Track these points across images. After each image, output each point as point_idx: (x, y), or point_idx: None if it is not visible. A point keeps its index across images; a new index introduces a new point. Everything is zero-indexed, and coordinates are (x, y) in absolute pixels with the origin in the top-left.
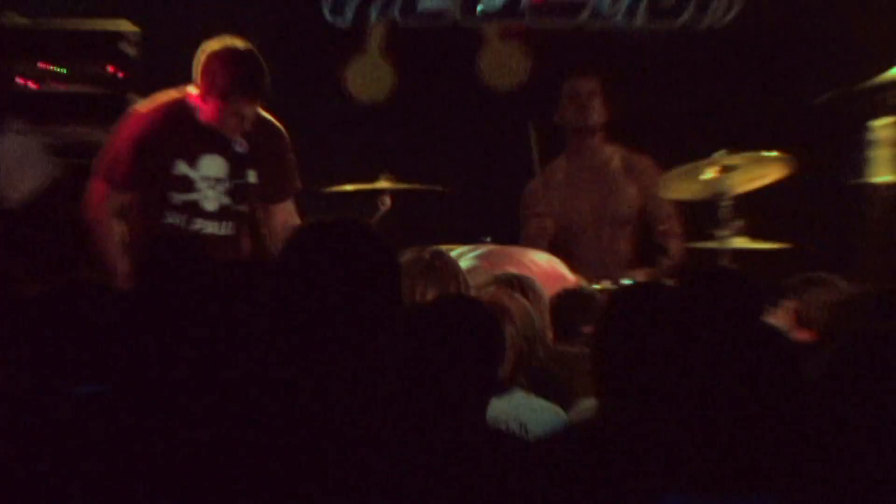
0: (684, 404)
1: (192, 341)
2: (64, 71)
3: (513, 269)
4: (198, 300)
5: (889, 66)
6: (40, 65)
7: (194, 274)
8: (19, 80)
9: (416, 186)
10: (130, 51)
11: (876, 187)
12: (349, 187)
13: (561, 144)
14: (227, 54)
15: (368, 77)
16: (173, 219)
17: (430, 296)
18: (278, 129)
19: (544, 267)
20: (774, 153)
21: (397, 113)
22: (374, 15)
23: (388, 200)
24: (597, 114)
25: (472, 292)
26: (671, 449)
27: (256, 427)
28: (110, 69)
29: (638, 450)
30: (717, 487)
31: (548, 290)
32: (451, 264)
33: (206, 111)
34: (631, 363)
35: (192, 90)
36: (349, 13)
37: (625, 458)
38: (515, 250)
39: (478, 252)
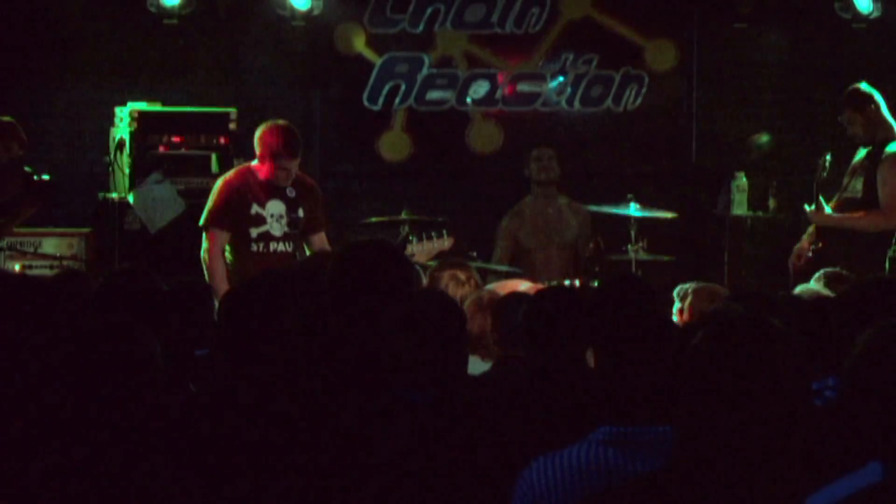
0: (607, 363)
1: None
2: (187, 140)
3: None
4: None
5: (744, 136)
6: (174, 138)
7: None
8: (160, 148)
9: (426, 218)
10: (233, 126)
11: (736, 218)
12: (381, 219)
13: (527, 190)
14: (272, 129)
15: (394, 145)
16: (255, 247)
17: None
18: (313, 183)
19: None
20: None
21: (414, 169)
22: (397, 102)
23: (407, 228)
24: (553, 172)
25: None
26: (602, 394)
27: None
28: (221, 139)
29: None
30: (632, 421)
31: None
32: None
33: (263, 171)
34: (565, 335)
35: (255, 162)
36: (380, 101)
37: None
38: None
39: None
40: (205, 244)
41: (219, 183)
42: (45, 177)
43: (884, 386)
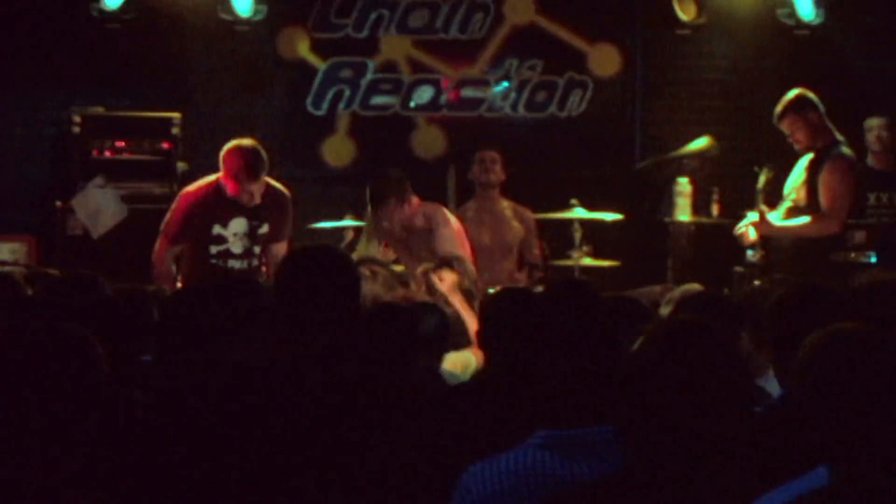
0: (550, 366)
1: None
2: (130, 145)
3: None
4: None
5: (684, 144)
6: (117, 143)
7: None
8: (104, 153)
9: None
10: (176, 131)
11: (679, 224)
12: (324, 224)
13: (471, 193)
14: (235, 150)
15: (338, 150)
16: (214, 261)
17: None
18: (283, 193)
19: None
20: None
21: (357, 174)
22: (341, 107)
23: (351, 233)
24: (495, 175)
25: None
26: (540, 397)
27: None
28: (164, 144)
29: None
30: (568, 424)
31: None
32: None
33: (229, 188)
34: (510, 338)
35: (221, 176)
36: (324, 106)
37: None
38: None
39: None
40: (157, 246)
41: (181, 196)
42: None
43: (829, 391)
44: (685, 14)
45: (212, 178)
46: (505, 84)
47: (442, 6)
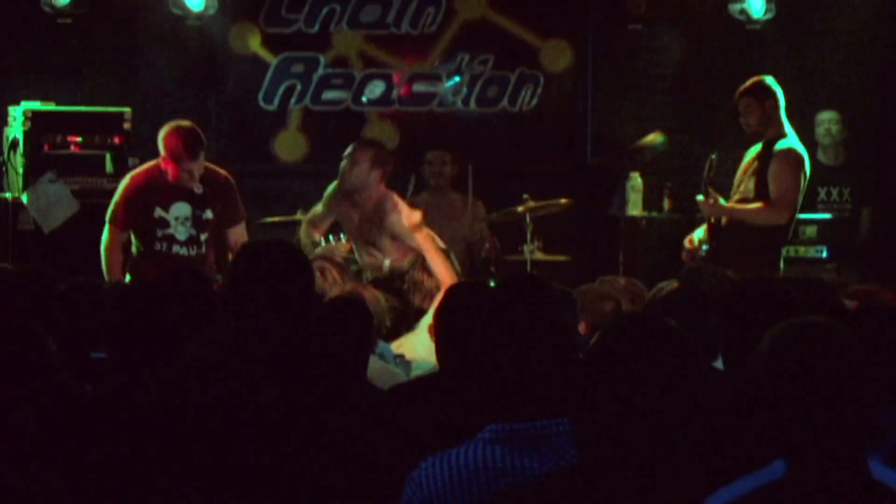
0: (501, 359)
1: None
2: (81, 140)
3: None
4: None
5: (636, 139)
6: (68, 137)
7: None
8: (54, 148)
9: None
10: (128, 126)
11: (631, 219)
12: (276, 219)
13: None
14: (173, 131)
15: (290, 145)
16: (158, 247)
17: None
18: (224, 176)
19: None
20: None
21: (309, 169)
22: (293, 102)
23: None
24: (444, 177)
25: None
26: (491, 391)
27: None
28: (115, 139)
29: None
30: (524, 416)
31: None
32: None
33: (169, 172)
34: (464, 332)
35: (161, 163)
36: (276, 101)
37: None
38: None
39: None
40: (104, 236)
41: (125, 180)
42: None
43: (787, 384)
44: (634, 7)
45: (153, 162)
46: (456, 79)
47: (393, 1)
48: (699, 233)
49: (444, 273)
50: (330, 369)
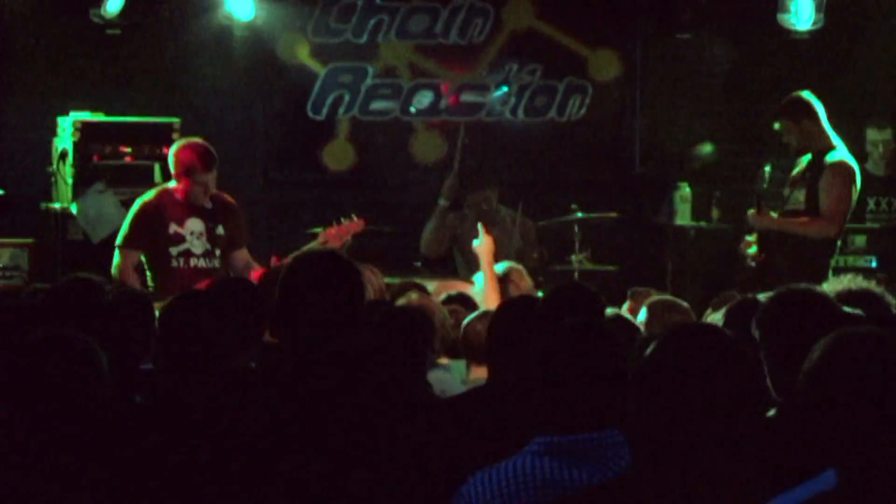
0: (550, 372)
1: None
2: (130, 150)
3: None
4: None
5: (685, 147)
6: (117, 148)
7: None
8: (103, 158)
9: (371, 227)
10: (176, 136)
11: (679, 228)
12: (319, 229)
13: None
14: (186, 145)
15: (337, 155)
16: (176, 264)
17: None
18: (231, 201)
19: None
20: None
21: (357, 179)
22: (341, 112)
23: (350, 237)
24: (487, 214)
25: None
26: (539, 403)
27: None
28: (164, 149)
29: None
30: (566, 430)
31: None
32: None
33: (180, 190)
34: (515, 345)
35: (172, 183)
36: (324, 111)
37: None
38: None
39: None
40: (115, 261)
41: (137, 204)
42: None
43: (839, 394)
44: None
45: (160, 187)
46: (504, 88)
47: (441, 11)
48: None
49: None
50: (380, 381)
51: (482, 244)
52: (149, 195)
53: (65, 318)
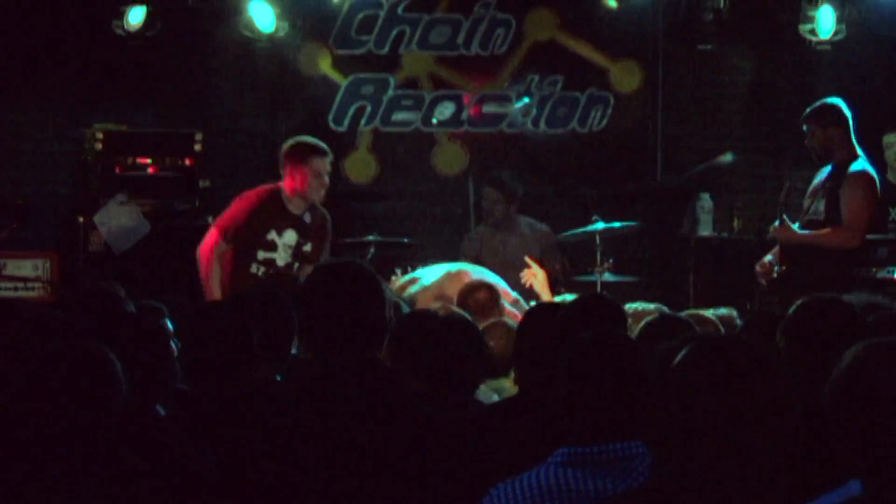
0: (573, 382)
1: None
2: (152, 161)
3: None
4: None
5: (707, 158)
6: (139, 159)
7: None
8: (126, 170)
9: (392, 239)
10: (199, 148)
11: (701, 239)
12: (347, 240)
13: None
14: (298, 141)
15: (359, 166)
16: (255, 269)
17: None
18: (326, 219)
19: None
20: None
21: (379, 190)
22: (362, 123)
23: (373, 248)
24: (497, 214)
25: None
26: (563, 414)
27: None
28: (186, 161)
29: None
30: (590, 440)
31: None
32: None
33: (293, 186)
34: (546, 348)
35: (281, 184)
36: (346, 122)
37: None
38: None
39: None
40: (206, 239)
41: (246, 194)
42: (18, 201)
43: (867, 404)
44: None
45: (271, 185)
46: (526, 100)
47: (463, 22)
48: (770, 256)
49: None
50: (403, 393)
51: (533, 277)
52: (261, 189)
53: (83, 328)
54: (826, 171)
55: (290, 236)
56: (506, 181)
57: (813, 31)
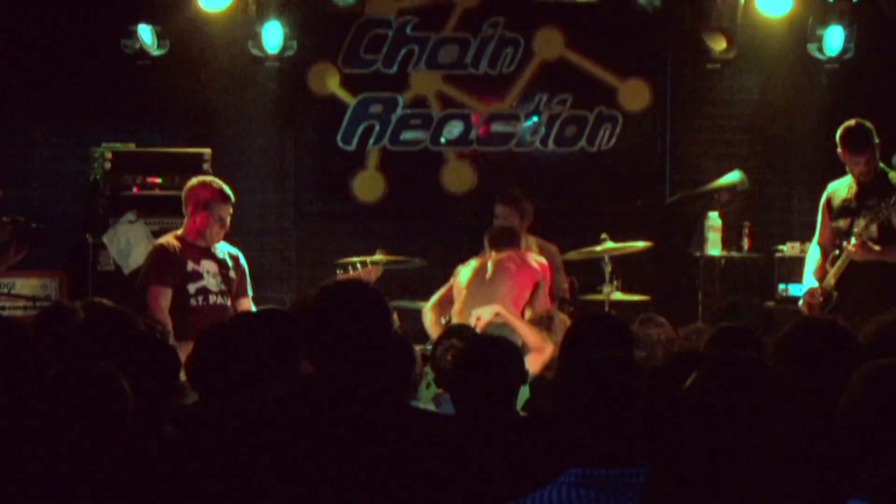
0: (583, 398)
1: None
2: (161, 180)
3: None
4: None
5: (714, 178)
6: (148, 178)
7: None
8: (134, 189)
9: (399, 258)
10: (207, 167)
11: (709, 258)
12: (354, 259)
13: None
14: (202, 182)
15: (368, 185)
16: (194, 301)
17: None
18: (238, 253)
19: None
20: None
21: (388, 209)
22: (371, 142)
23: (381, 268)
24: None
25: None
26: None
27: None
28: None
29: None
30: (602, 462)
31: None
32: None
33: (194, 229)
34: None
35: (181, 230)
36: (354, 141)
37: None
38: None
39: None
40: (150, 300)
41: (152, 247)
42: (33, 225)
43: (876, 425)
44: (716, 46)
45: (171, 232)
46: (535, 118)
47: (472, 42)
48: (810, 285)
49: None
50: (407, 411)
51: (478, 320)
52: (163, 238)
53: (94, 348)
54: (847, 187)
55: (209, 265)
56: (519, 198)
57: (821, 50)
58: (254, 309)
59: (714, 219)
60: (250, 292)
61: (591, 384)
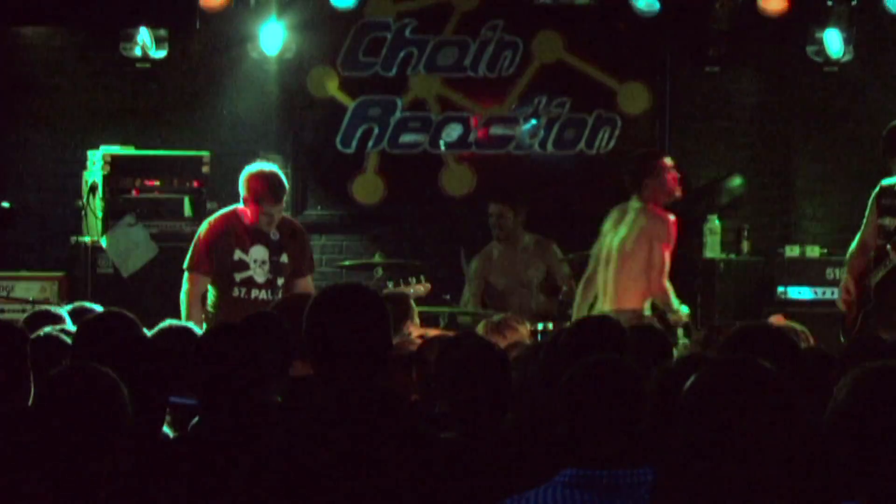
0: (575, 404)
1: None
2: (160, 184)
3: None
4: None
5: (717, 180)
6: (147, 181)
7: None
8: (133, 192)
9: (400, 261)
10: (206, 170)
11: (708, 261)
12: (354, 262)
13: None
14: (257, 174)
15: (367, 188)
16: (237, 293)
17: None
18: (299, 227)
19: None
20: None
21: (387, 212)
22: (370, 145)
23: (380, 270)
24: (505, 229)
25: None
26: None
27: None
28: (194, 183)
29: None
30: (596, 464)
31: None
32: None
33: (248, 215)
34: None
35: (240, 205)
36: (353, 144)
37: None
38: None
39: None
40: (185, 286)
41: (203, 226)
42: (5, 204)
43: (865, 429)
44: (714, 50)
45: (229, 208)
46: (534, 121)
47: (471, 44)
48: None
49: None
50: (404, 414)
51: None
52: (215, 216)
53: (96, 352)
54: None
55: (259, 252)
56: (511, 193)
57: (821, 53)
58: (312, 289)
59: (713, 222)
60: (311, 272)
61: (585, 386)
